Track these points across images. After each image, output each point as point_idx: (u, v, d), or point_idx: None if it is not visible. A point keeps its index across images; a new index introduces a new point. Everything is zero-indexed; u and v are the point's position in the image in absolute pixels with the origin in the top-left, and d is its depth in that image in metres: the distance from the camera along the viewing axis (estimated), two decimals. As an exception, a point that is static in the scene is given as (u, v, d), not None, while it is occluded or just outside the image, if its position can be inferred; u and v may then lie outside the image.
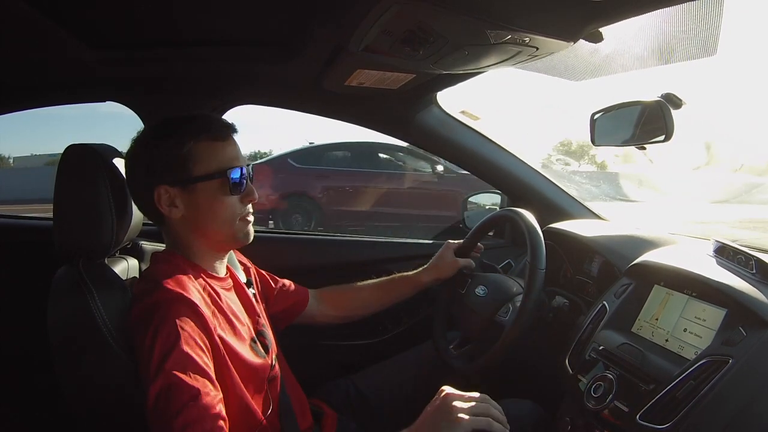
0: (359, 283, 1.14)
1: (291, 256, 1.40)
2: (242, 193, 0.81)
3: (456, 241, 1.16)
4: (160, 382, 0.63)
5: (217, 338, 0.71)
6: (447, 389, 0.74)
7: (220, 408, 0.65)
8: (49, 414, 1.06)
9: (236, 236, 0.82)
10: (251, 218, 0.84)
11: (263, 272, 1.05)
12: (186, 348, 0.65)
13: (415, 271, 1.15)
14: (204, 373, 0.65)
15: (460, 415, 0.69)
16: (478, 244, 1.18)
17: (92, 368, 0.73)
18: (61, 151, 0.81)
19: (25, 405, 1.28)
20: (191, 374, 0.64)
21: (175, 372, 0.63)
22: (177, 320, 0.67)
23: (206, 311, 0.72)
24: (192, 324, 0.68)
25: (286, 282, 1.07)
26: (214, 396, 0.65)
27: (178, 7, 0.85)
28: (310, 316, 1.09)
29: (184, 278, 0.74)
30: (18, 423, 1.30)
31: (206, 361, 0.67)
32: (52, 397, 0.81)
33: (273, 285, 1.04)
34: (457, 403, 0.71)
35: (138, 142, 0.81)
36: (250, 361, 0.77)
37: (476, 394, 0.74)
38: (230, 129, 0.82)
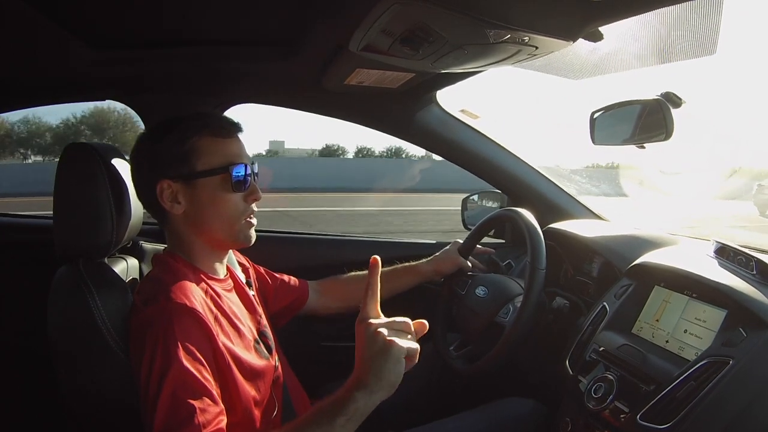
0: (361, 273, 1.14)
1: (291, 255, 1.40)
2: (245, 191, 0.80)
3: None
4: (159, 398, 0.62)
5: (220, 345, 0.71)
6: (368, 322, 0.66)
7: (218, 425, 0.64)
8: (49, 414, 1.06)
9: (237, 237, 0.81)
10: (254, 221, 0.82)
11: (260, 269, 1.05)
12: (186, 363, 0.64)
13: (417, 262, 1.16)
14: (203, 389, 0.64)
15: (390, 338, 0.63)
16: (489, 247, 1.21)
17: (91, 368, 0.73)
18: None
19: (25, 405, 1.29)
20: (190, 391, 0.63)
21: (173, 389, 0.63)
22: (177, 334, 0.66)
23: (209, 318, 0.71)
24: (193, 335, 0.68)
25: (285, 277, 1.07)
26: (212, 412, 0.64)
27: (179, 7, 0.85)
28: (311, 310, 1.08)
29: (186, 284, 0.73)
30: (18, 423, 1.30)
31: (206, 376, 0.66)
32: (52, 396, 0.81)
33: (271, 283, 1.04)
34: (383, 330, 0.64)
35: (142, 139, 0.81)
36: (254, 364, 0.77)
37: (398, 319, 0.67)
38: (234, 127, 0.81)
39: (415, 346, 0.66)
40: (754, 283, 0.74)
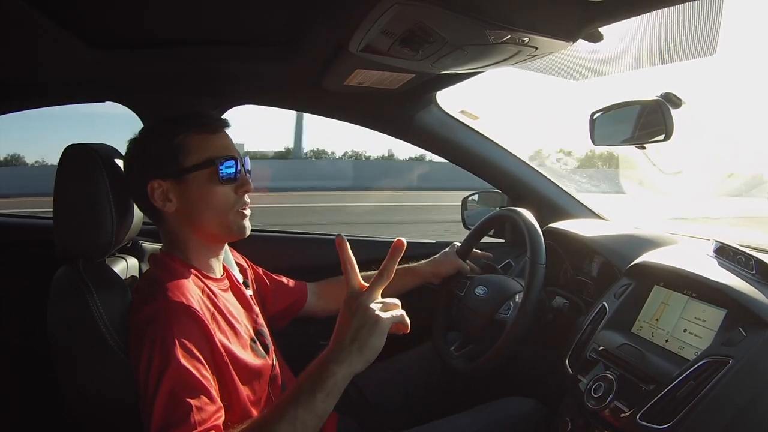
0: (361, 274, 1.14)
1: (291, 255, 1.40)
2: (236, 183, 0.80)
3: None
4: (157, 396, 0.63)
5: (218, 343, 0.71)
6: (360, 299, 0.67)
7: (215, 422, 0.64)
8: (49, 414, 1.06)
9: (230, 229, 0.81)
10: (248, 212, 0.83)
11: (259, 270, 1.04)
12: (184, 361, 0.65)
13: (416, 263, 1.16)
14: (201, 387, 0.65)
15: (379, 313, 0.65)
16: (488, 246, 1.19)
17: (91, 368, 0.73)
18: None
19: (25, 405, 1.29)
20: (187, 389, 0.63)
21: (171, 387, 0.63)
22: (175, 332, 0.66)
23: (206, 316, 0.71)
24: (191, 333, 0.68)
25: (284, 279, 1.07)
26: (208, 411, 0.64)
27: (179, 7, 0.85)
28: (310, 312, 1.08)
29: (183, 283, 0.73)
30: (18, 423, 1.30)
31: (204, 374, 0.66)
32: (52, 396, 0.81)
33: (269, 284, 1.04)
34: (374, 306, 0.66)
35: (132, 141, 0.83)
36: (251, 363, 0.77)
37: (388, 301, 0.69)
38: (221, 122, 0.83)
39: (403, 314, 0.67)
40: (754, 283, 0.74)
